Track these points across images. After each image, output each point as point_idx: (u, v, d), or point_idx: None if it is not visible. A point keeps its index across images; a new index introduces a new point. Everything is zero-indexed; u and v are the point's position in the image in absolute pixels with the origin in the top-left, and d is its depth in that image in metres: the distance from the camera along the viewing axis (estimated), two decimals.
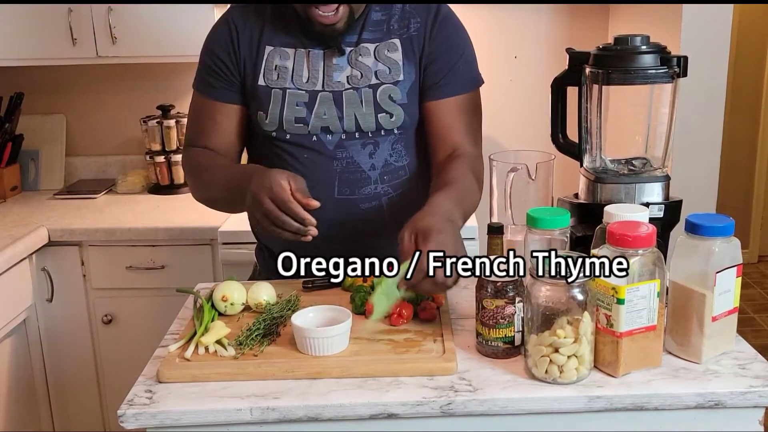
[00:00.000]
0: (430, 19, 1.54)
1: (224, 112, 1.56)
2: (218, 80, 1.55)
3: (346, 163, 1.52)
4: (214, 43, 1.57)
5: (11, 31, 2.43)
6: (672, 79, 1.41)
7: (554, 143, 1.58)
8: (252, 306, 1.38)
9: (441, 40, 1.53)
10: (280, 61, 1.52)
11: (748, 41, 4.40)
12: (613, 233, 1.13)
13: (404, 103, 1.52)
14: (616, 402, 1.11)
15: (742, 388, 1.12)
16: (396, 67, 1.52)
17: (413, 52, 1.53)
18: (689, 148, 2.26)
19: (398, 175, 1.56)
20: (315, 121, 1.51)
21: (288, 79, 1.52)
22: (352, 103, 1.50)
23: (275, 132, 1.53)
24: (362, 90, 1.50)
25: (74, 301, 2.36)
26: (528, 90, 2.85)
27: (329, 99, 1.50)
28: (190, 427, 1.11)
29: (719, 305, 1.17)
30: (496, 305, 1.18)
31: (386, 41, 1.52)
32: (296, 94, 1.51)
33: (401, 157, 1.56)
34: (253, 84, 1.53)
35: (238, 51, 1.54)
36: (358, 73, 1.51)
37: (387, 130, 1.52)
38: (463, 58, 1.56)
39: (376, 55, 1.52)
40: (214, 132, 1.57)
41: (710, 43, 2.21)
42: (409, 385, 1.14)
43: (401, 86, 1.52)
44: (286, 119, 1.51)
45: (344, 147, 1.52)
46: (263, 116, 1.53)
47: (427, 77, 1.53)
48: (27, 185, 2.80)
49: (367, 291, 1.37)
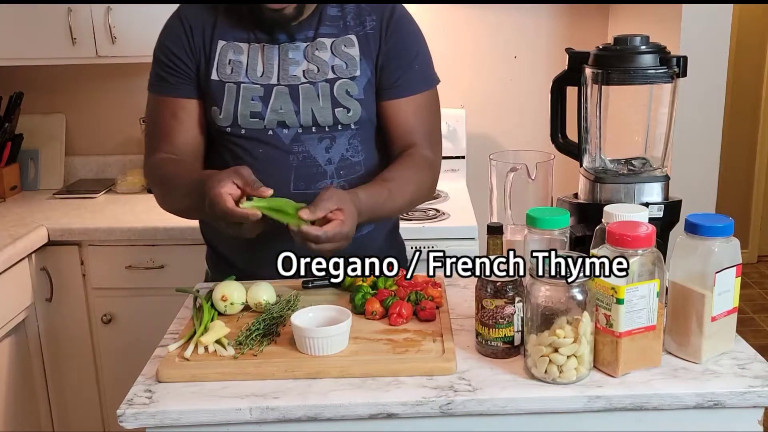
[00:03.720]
0: (385, 18, 1.55)
1: (186, 108, 1.54)
2: (176, 76, 1.53)
3: (302, 158, 1.52)
4: (168, 39, 1.55)
5: (11, 31, 2.43)
6: (671, 79, 1.41)
7: (554, 143, 1.58)
8: (252, 306, 1.38)
9: (396, 40, 1.55)
10: (234, 55, 1.51)
11: (747, 41, 4.40)
12: (612, 233, 1.13)
13: (361, 98, 1.53)
14: (616, 402, 1.11)
15: (741, 388, 1.12)
16: (353, 62, 1.52)
17: (369, 50, 1.53)
18: (689, 148, 2.26)
19: (354, 170, 1.56)
20: (271, 116, 1.50)
21: (242, 73, 1.51)
22: (308, 97, 1.50)
23: (229, 127, 1.52)
24: (319, 84, 1.50)
25: (74, 300, 2.36)
26: (528, 90, 2.85)
27: (285, 93, 1.50)
28: (189, 426, 1.11)
29: (719, 305, 1.17)
30: (496, 305, 1.18)
31: (343, 37, 1.53)
32: (251, 89, 1.50)
33: (357, 152, 1.56)
34: (206, 79, 1.52)
35: (193, 45, 1.52)
36: (314, 68, 1.51)
37: (344, 125, 1.53)
38: (418, 58, 1.57)
39: (333, 50, 1.52)
40: (178, 130, 1.54)
41: (710, 43, 2.21)
42: (409, 385, 1.14)
43: (358, 82, 1.52)
44: (241, 114, 1.50)
45: (300, 141, 1.51)
46: (217, 111, 1.51)
47: (383, 77, 1.55)
48: (26, 185, 2.79)
49: (367, 291, 1.37)
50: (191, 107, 1.54)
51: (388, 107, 1.56)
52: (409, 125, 1.57)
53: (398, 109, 1.56)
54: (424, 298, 1.35)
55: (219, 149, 1.56)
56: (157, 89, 1.57)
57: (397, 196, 1.49)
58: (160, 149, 1.55)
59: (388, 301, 1.33)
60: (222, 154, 1.56)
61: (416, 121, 1.57)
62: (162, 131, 1.56)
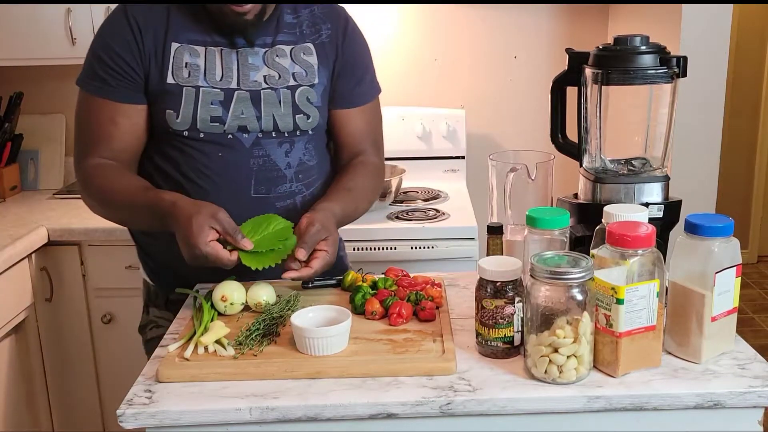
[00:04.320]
0: (341, 28, 1.58)
1: (127, 114, 1.47)
2: (118, 79, 1.46)
3: (263, 162, 1.51)
4: (112, 39, 1.46)
5: (11, 31, 2.43)
6: (671, 80, 1.41)
7: (554, 143, 1.58)
8: (251, 306, 1.38)
9: (352, 51, 1.59)
10: (190, 58, 1.47)
11: (747, 41, 4.41)
12: (612, 233, 1.13)
13: (319, 105, 1.55)
14: (616, 402, 1.11)
15: (741, 389, 1.12)
16: (312, 70, 1.54)
17: (327, 59, 1.56)
18: (689, 149, 2.26)
19: (310, 174, 1.58)
20: (232, 120, 1.48)
21: (200, 77, 1.47)
22: (270, 102, 1.50)
23: (187, 131, 1.47)
24: (280, 90, 1.51)
25: (74, 300, 2.36)
26: (528, 90, 2.85)
27: (246, 98, 1.49)
28: (189, 426, 1.11)
29: (718, 305, 1.17)
30: (496, 305, 1.18)
31: (301, 44, 1.54)
32: (210, 93, 1.47)
33: (312, 156, 1.58)
34: (161, 82, 1.46)
35: (142, 46, 1.45)
36: (275, 74, 1.50)
37: (302, 131, 1.54)
38: (368, 69, 1.64)
39: (293, 57, 1.52)
40: (115, 136, 1.47)
41: (710, 43, 2.21)
42: (409, 385, 1.14)
43: (317, 89, 1.54)
44: (201, 118, 1.46)
45: (261, 145, 1.51)
46: (173, 115, 1.46)
47: (338, 86, 1.58)
48: (26, 185, 2.79)
49: (367, 291, 1.37)
50: (132, 112, 1.48)
51: (341, 115, 1.60)
52: (359, 133, 1.63)
53: (350, 118, 1.61)
54: (423, 298, 1.35)
55: (169, 152, 1.51)
56: (94, 89, 1.48)
57: (359, 204, 1.57)
58: (95, 153, 1.48)
59: (388, 302, 1.33)
60: (173, 157, 1.50)
61: (365, 129, 1.64)
62: (98, 135, 1.48)
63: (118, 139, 1.48)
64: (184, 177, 1.50)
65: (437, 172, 2.75)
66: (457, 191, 2.63)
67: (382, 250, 2.26)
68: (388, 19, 2.81)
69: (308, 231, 1.36)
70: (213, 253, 1.30)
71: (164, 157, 1.52)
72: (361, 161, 1.61)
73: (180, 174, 1.50)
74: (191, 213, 1.32)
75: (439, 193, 2.61)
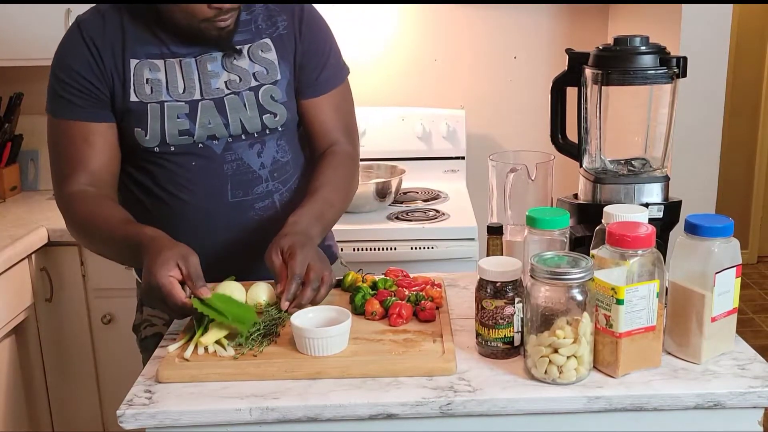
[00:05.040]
0: (296, 17, 1.54)
1: (99, 132, 1.45)
2: (85, 99, 1.44)
3: (236, 165, 1.50)
4: (72, 60, 1.44)
5: (11, 32, 2.43)
6: (671, 80, 1.41)
7: (554, 144, 1.58)
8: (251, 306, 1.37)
9: (311, 39, 1.55)
10: (151, 73, 1.44)
11: (747, 42, 4.41)
12: (612, 234, 1.13)
13: (285, 101, 1.53)
14: (616, 402, 1.11)
15: (741, 389, 1.12)
16: (272, 67, 1.51)
17: (286, 51, 1.53)
18: (689, 149, 2.26)
19: (285, 170, 1.57)
20: (200, 131, 1.46)
21: (163, 92, 1.45)
22: (234, 107, 1.48)
23: (158, 147, 1.46)
24: (243, 93, 1.49)
25: (73, 301, 2.36)
26: (527, 90, 2.85)
27: (211, 107, 1.47)
28: (189, 427, 1.11)
29: (718, 306, 1.17)
30: (496, 306, 1.18)
31: (258, 41, 1.51)
32: (175, 107, 1.45)
33: (285, 152, 1.57)
34: (125, 101, 1.44)
35: (103, 67, 1.43)
36: (236, 77, 1.49)
37: (272, 129, 1.53)
38: (332, 53, 1.59)
39: (251, 56, 1.50)
40: (91, 156, 1.45)
41: (710, 43, 2.21)
42: (409, 386, 1.14)
43: (280, 85, 1.52)
44: (169, 133, 1.45)
45: (232, 150, 1.50)
46: (141, 133, 1.45)
47: (302, 76, 1.55)
48: (26, 185, 2.79)
49: (367, 291, 1.37)
50: (104, 130, 1.46)
51: (309, 106, 1.57)
52: (329, 122, 1.59)
53: (318, 107, 1.58)
54: (423, 298, 1.35)
55: (144, 166, 1.50)
56: (62, 113, 1.46)
57: (335, 202, 1.51)
58: (74, 179, 1.45)
59: (388, 302, 1.33)
60: (150, 171, 1.50)
61: (335, 116, 1.59)
62: (73, 158, 1.45)
63: (95, 159, 1.46)
64: (163, 190, 1.50)
65: (437, 173, 2.74)
66: (457, 191, 2.63)
67: (382, 250, 2.25)
68: (388, 19, 2.81)
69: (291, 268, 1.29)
70: (168, 286, 1.23)
71: (141, 172, 1.51)
72: (332, 152, 1.58)
73: (158, 187, 1.50)
74: (164, 246, 1.28)
75: (439, 193, 2.61)
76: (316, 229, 1.42)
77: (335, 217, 1.53)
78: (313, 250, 1.35)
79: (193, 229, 1.49)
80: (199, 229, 1.50)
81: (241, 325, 1.24)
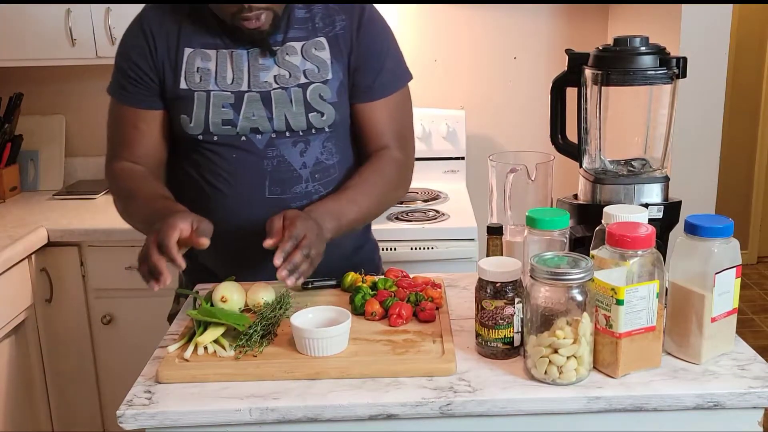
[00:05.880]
0: (356, 18, 1.53)
1: (147, 119, 1.52)
2: (136, 87, 1.51)
3: (277, 162, 1.51)
4: (130, 48, 1.52)
5: (11, 32, 2.43)
6: (671, 80, 1.41)
7: (553, 144, 1.58)
8: (251, 307, 1.38)
9: (369, 42, 1.53)
10: (202, 62, 1.49)
11: (747, 42, 4.41)
12: (612, 234, 1.13)
13: (334, 101, 1.51)
14: (616, 403, 1.11)
15: (741, 389, 1.12)
16: (324, 66, 1.51)
17: (340, 51, 1.52)
18: (688, 149, 2.26)
19: (329, 173, 1.55)
20: (243, 123, 1.48)
21: (211, 81, 1.48)
22: (281, 103, 1.49)
23: (201, 135, 1.50)
24: (291, 89, 1.49)
25: (73, 301, 2.36)
26: (527, 91, 2.86)
27: (257, 99, 1.48)
28: (189, 427, 1.11)
29: (718, 306, 1.17)
30: (496, 306, 1.18)
31: (312, 39, 1.51)
32: (221, 96, 1.48)
33: (331, 155, 1.55)
34: (175, 88, 1.49)
35: (156, 55, 1.50)
36: (286, 73, 1.49)
37: (318, 129, 1.52)
38: (389, 57, 1.56)
39: (304, 53, 1.50)
40: (138, 141, 1.53)
41: (709, 44, 2.22)
42: (409, 386, 1.14)
43: (330, 85, 1.51)
44: (213, 122, 1.48)
45: (275, 146, 1.50)
46: (187, 120, 1.49)
47: (357, 79, 1.53)
48: (26, 186, 2.79)
49: (366, 292, 1.37)
50: (152, 118, 1.52)
51: (362, 110, 1.55)
52: (381, 127, 1.56)
53: (372, 112, 1.55)
54: (423, 299, 1.35)
55: (190, 155, 1.54)
56: (118, 97, 1.55)
57: (361, 203, 1.49)
58: (122, 156, 1.53)
59: (388, 302, 1.33)
60: (194, 160, 1.53)
61: (388, 122, 1.57)
62: (122, 141, 1.54)
63: (141, 143, 1.53)
64: (203, 179, 1.53)
65: (437, 173, 2.75)
66: (457, 192, 2.63)
67: (382, 250, 2.24)
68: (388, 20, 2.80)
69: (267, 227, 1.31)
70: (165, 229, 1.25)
71: (186, 160, 1.55)
72: (378, 156, 1.55)
73: (199, 176, 1.53)
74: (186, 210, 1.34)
75: (438, 193, 2.61)
76: (331, 223, 1.40)
77: (359, 218, 1.50)
78: (314, 229, 1.33)
79: (229, 220, 1.50)
80: (234, 222, 1.50)
81: (238, 325, 1.25)
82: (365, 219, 1.54)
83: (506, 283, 1.17)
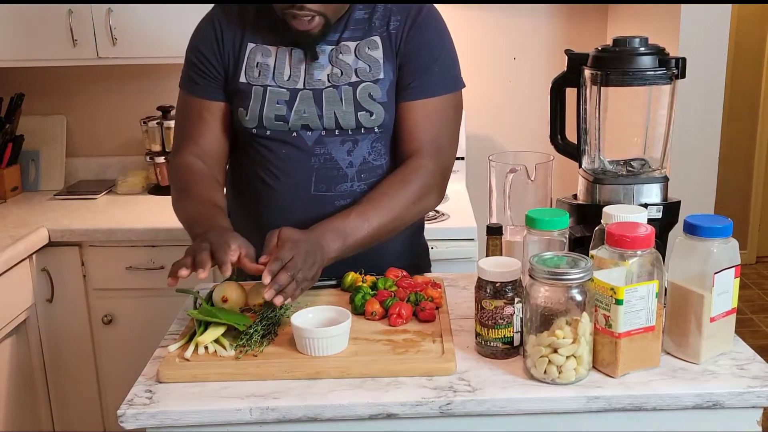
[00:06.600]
0: (410, 18, 1.52)
1: (211, 110, 1.57)
2: (204, 78, 1.56)
3: (324, 160, 1.52)
4: (199, 41, 1.58)
5: (12, 32, 2.44)
6: (670, 81, 1.42)
7: (553, 144, 1.58)
8: (251, 307, 1.38)
9: (418, 41, 1.52)
10: (262, 58, 1.53)
11: (746, 43, 4.41)
12: (611, 234, 1.13)
13: (384, 101, 1.51)
14: (615, 402, 1.11)
15: (740, 389, 1.12)
16: (376, 65, 1.51)
17: (392, 50, 1.52)
18: (688, 150, 2.26)
19: (375, 173, 1.56)
20: (295, 119, 1.51)
21: (269, 77, 1.52)
22: (331, 101, 1.50)
23: (255, 128, 1.53)
24: (342, 88, 1.50)
25: (74, 301, 2.36)
26: (527, 91, 2.86)
27: (309, 97, 1.50)
28: (189, 427, 1.12)
29: (717, 306, 1.17)
30: (495, 306, 1.18)
31: (367, 39, 1.52)
32: (277, 92, 1.51)
33: (380, 156, 1.56)
34: (235, 81, 1.54)
35: (222, 48, 1.54)
36: (338, 71, 1.51)
37: (367, 129, 1.52)
38: (439, 61, 1.53)
39: (357, 53, 1.51)
40: (203, 130, 1.57)
41: (709, 44, 2.22)
42: (409, 386, 1.14)
43: (381, 84, 1.51)
44: (266, 116, 1.51)
45: (323, 143, 1.52)
46: (243, 113, 1.53)
47: (402, 77, 1.52)
48: (27, 186, 2.80)
49: (366, 292, 1.37)
50: (216, 109, 1.57)
51: (402, 108, 1.53)
52: (416, 130, 1.52)
53: (408, 112, 1.52)
54: (423, 299, 1.36)
55: (246, 149, 1.58)
56: (187, 89, 1.60)
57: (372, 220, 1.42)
58: (187, 149, 1.57)
59: (388, 302, 1.34)
60: (250, 154, 1.57)
61: (425, 125, 1.52)
62: (188, 130, 1.59)
63: (206, 134, 1.57)
64: (255, 174, 1.57)
65: None
66: (457, 192, 2.63)
67: None
68: None
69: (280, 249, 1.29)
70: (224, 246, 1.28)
71: (242, 153, 1.59)
72: (406, 164, 1.51)
73: (252, 171, 1.57)
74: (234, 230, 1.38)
75: None
76: (335, 243, 1.37)
77: (370, 235, 1.43)
78: (304, 252, 1.29)
79: (274, 215, 1.53)
80: (279, 216, 1.51)
81: (239, 325, 1.26)
82: (379, 236, 1.45)
83: (506, 282, 1.18)
